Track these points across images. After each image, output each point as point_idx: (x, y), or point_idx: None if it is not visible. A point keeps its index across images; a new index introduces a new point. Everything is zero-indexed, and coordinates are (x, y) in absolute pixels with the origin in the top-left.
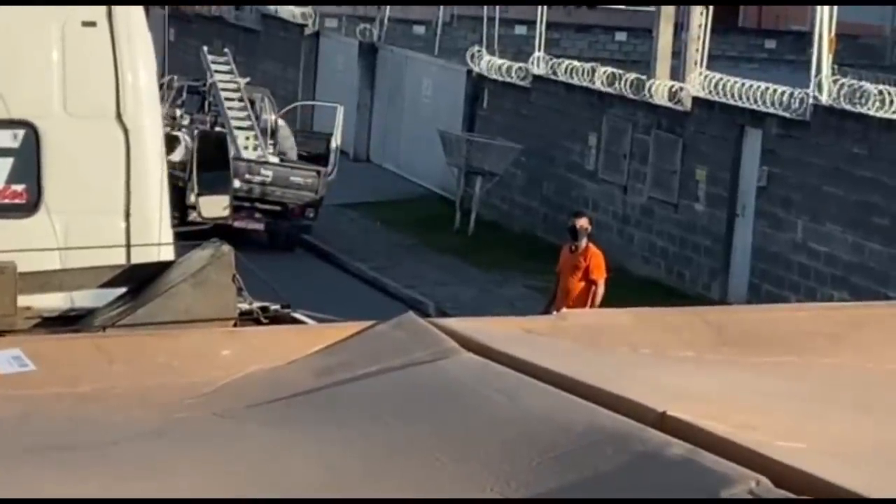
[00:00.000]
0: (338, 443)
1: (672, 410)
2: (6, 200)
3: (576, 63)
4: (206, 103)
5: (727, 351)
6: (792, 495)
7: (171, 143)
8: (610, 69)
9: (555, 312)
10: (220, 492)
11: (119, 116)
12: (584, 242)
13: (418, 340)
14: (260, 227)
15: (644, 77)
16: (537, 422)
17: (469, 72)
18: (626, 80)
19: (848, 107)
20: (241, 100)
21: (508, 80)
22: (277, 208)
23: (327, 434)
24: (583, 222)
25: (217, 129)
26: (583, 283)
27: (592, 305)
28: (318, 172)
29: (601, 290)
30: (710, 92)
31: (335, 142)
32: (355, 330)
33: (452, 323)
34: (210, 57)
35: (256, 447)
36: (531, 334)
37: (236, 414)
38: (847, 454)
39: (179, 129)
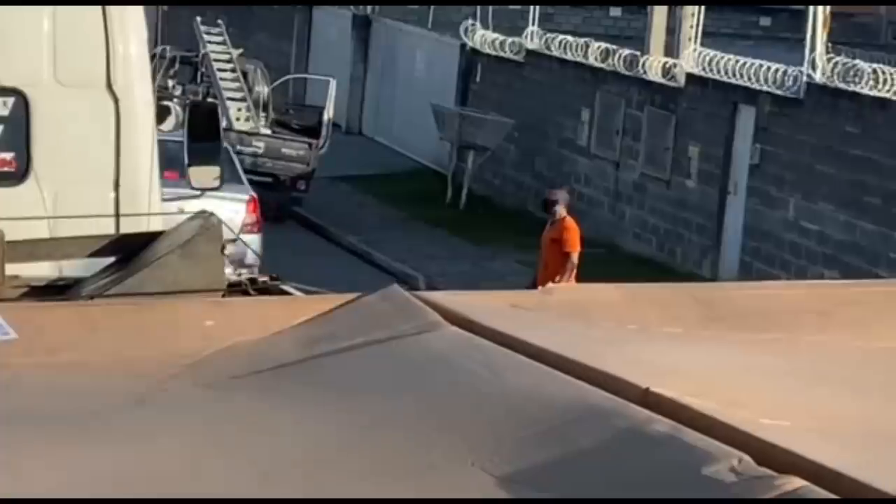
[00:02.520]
0: (321, 414)
1: (656, 387)
2: None
3: (570, 38)
4: (199, 74)
5: (715, 327)
6: (774, 473)
7: (162, 113)
8: (604, 45)
9: (539, 287)
10: (202, 462)
11: (109, 86)
12: (558, 215)
13: (403, 313)
14: None
15: (638, 53)
16: (520, 396)
17: (462, 46)
18: (620, 56)
19: (842, 85)
20: (233, 71)
21: (502, 54)
22: (269, 180)
23: (310, 405)
24: (553, 195)
25: (209, 100)
26: (557, 256)
27: (563, 278)
28: (310, 145)
29: (573, 261)
30: (704, 69)
31: (327, 115)
32: (340, 302)
33: (437, 296)
34: (203, 28)
35: (240, 418)
36: (517, 309)
37: (220, 384)
38: (833, 432)
39: (171, 100)
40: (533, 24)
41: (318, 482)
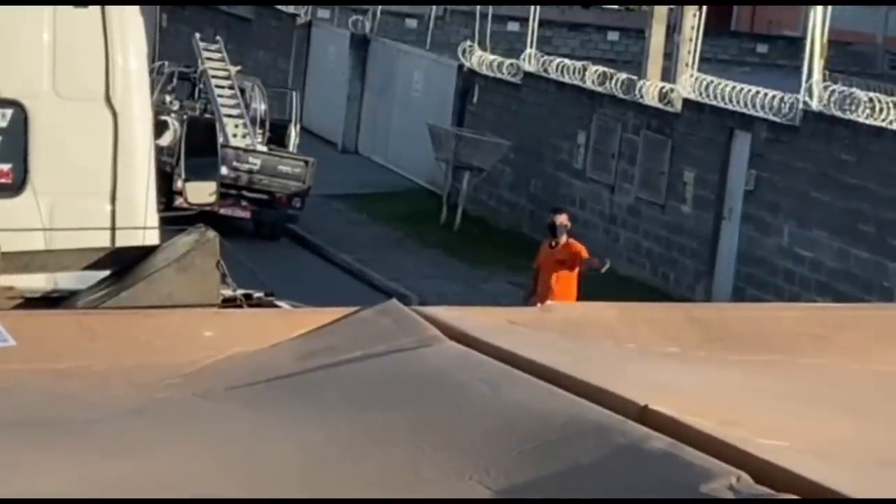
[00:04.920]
0: (318, 427)
1: (654, 404)
2: None
3: (567, 61)
4: (197, 90)
5: (712, 348)
6: (772, 492)
7: (159, 128)
8: (601, 68)
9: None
10: (198, 472)
11: (108, 99)
12: (563, 239)
13: (402, 327)
14: (246, 215)
15: (635, 77)
16: (518, 412)
17: (460, 66)
18: (617, 80)
19: (838, 113)
20: (231, 87)
21: (499, 76)
22: (264, 197)
23: (307, 418)
24: (562, 219)
25: (206, 116)
26: (566, 279)
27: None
28: (307, 162)
29: (589, 259)
30: (701, 94)
31: (293, 126)
32: (339, 315)
33: (436, 311)
34: (202, 44)
35: (236, 429)
36: (515, 325)
37: (217, 395)
38: (829, 453)
39: (169, 115)
40: (531, 46)
41: (313, 494)
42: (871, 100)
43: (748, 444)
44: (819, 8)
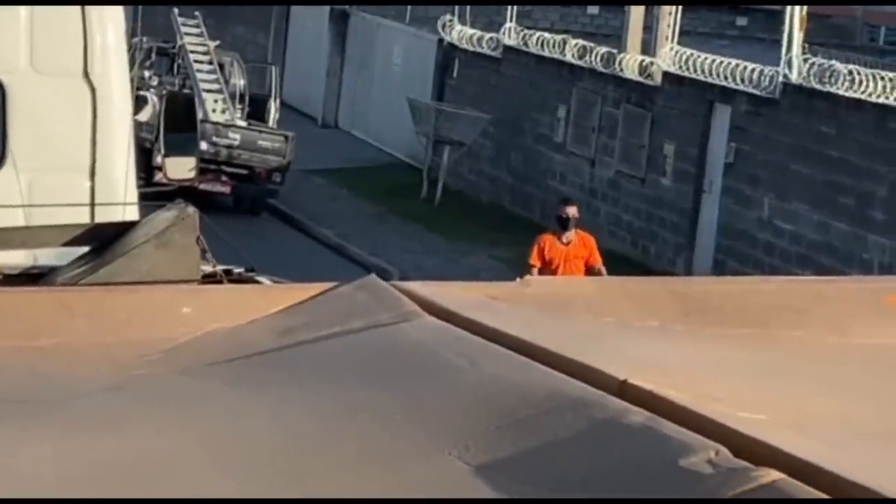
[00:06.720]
0: (297, 403)
1: (633, 379)
2: None
3: (547, 35)
4: (175, 65)
5: (691, 322)
6: (751, 465)
7: (138, 103)
8: (581, 42)
9: None
10: (177, 449)
11: (86, 75)
12: (575, 230)
13: (380, 303)
14: (226, 190)
15: (615, 51)
16: (497, 387)
17: (440, 41)
18: (597, 54)
19: (817, 86)
20: (210, 63)
21: (479, 50)
22: (244, 172)
23: (287, 394)
24: (574, 211)
25: (185, 91)
26: (580, 272)
27: None
28: (286, 137)
29: (605, 273)
30: (681, 67)
31: (272, 101)
32: (318, 291)
33: (415, 286)
34: (180, 19)
35: (215, 405)
36: (494, 300)
37: (196, 372)
38: (809, 427)
39: (148, 90)
40: (510, 20)
41: (294, 470)
42: (850, 72)
43: (727, 417)
44: None
